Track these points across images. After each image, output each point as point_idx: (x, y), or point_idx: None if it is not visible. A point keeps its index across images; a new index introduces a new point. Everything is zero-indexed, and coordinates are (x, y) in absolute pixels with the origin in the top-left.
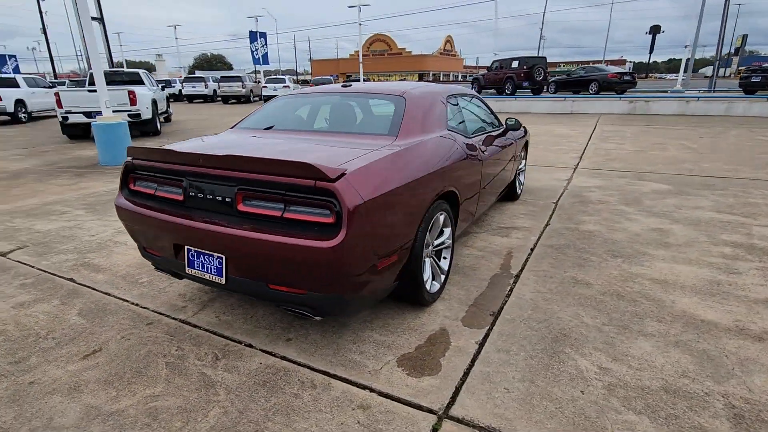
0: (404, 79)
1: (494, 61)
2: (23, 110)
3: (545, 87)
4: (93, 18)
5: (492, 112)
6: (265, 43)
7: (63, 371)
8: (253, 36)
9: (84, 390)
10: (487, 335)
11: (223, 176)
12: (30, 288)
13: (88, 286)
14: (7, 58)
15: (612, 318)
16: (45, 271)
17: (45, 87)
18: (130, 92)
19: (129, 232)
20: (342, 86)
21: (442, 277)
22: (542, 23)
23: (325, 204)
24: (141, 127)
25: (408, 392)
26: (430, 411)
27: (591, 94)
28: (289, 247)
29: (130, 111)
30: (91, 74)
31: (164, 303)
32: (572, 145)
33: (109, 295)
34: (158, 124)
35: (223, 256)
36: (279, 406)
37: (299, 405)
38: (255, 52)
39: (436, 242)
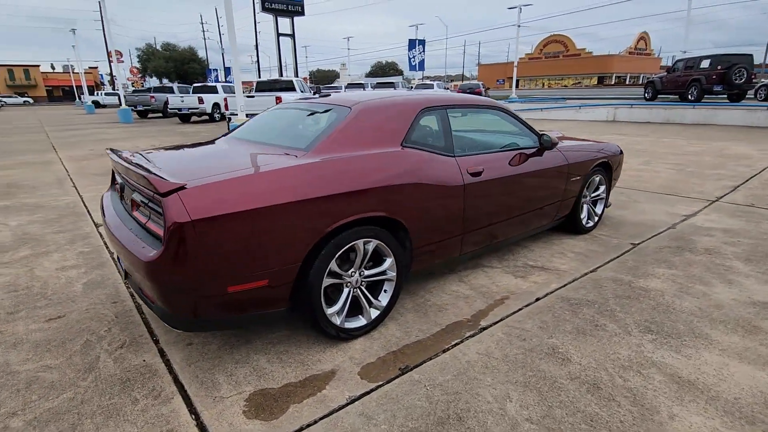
0: (578, 83)
1: (677, 60)
2: (218, 111)
3: (755, 93)
4: (284, 34)
5: (527, 128)
6: (423, 51)
7: (24, 328)
8: (411, 44)
9: (17, 347)
10: (369, 392)
11: (128, 184)
12: None
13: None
14: (211, 71)
15: (550, 415)
16: None
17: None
18: (277, 98)
19: None
20: (319, 95)
21: (374, 312)
22: None
23: (160, 217)
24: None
25: (221, 431)
26: None
27: None
28: (130, 253)
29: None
30: (257, 83)
31: None
32: (739, 169)
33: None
34: None
35: (120, 256)
36: (113, 407)
37: (127, 411)
38: (412, 59)
39: (368, 273)
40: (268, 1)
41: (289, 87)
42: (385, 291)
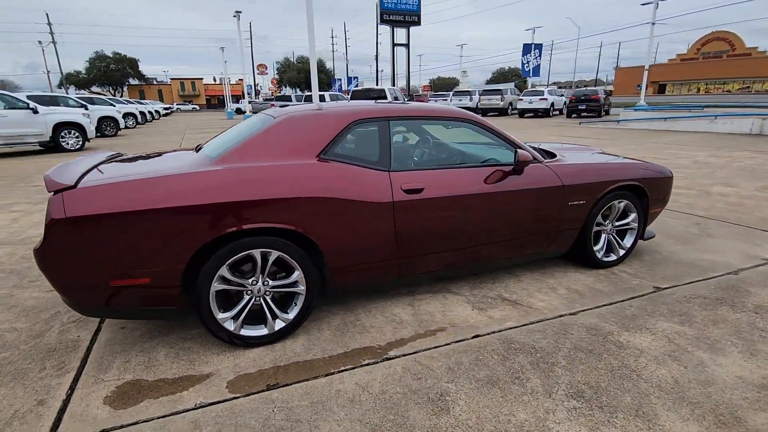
0: (746, 88)
1: None
2: None
3: None
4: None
5: (505, 142)
6: (539, 55)
7: (29, 295)
8: (526, 48)
9: (12, 309)
10: (217, 402)
11: None
12: None
13: None
14: (335, 80)
15: None
16: None
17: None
18: None
19: None
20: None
21: (279, 323)
22: None
23: None
24: None
25: (76, 411)
26: None
27: None
28: None
29: None
30: (352, 92)
31: None
32: None
33: None
34: None
35: None
36: (24, 371)
37: (31, 377)
38: (525, 65)
39: (274, 284)
40: (387, 14)
41: (381, 96)
42: (295, 304)
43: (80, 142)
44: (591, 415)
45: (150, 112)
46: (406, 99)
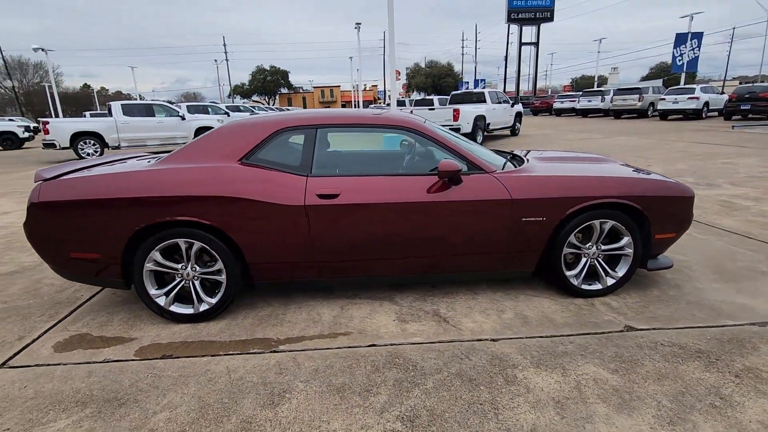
0: None
1: None
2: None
3: None
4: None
5: (449, 151)
6: (697, 46)
7: None
8: (680, 39)
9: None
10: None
11: None
12: None
13: None
14: (463, 83)
15: None
16: None
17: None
18: (455, 110)
19: None
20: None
21: (203, 306)
22: None
23: None
24: None
25: (30, 350)
26: None
27: None
28: None
29: (451, 125)
30: (452, 95)
31: None
32: None
33: None
34: (479, 137)
35: None
36: (21, 313)
37: (33, 319)
38: (678, 58)
39: (202, 270)
40: (515, 12)
41: (480, 99)
42: (218, 291)
43: None
44: None
45: None
46: (509, 101)
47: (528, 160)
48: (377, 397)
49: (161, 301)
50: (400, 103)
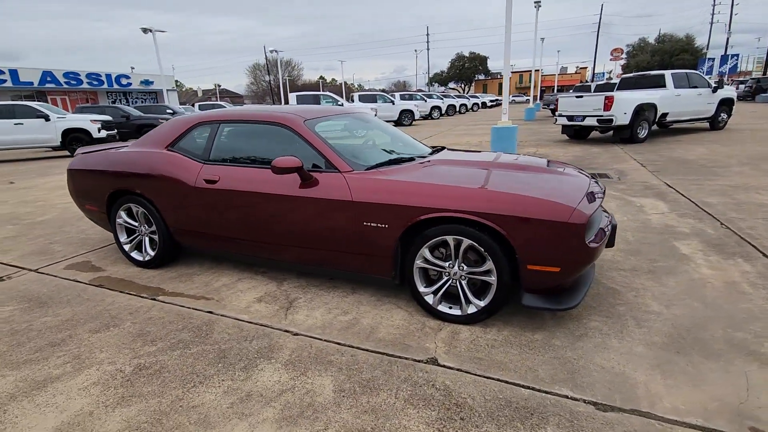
0: None
1: None
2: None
3: None
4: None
5: (314, 150)
6: None
7: None
8: None
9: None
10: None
11: None
12: None
13: None
14: (705, 60)
15: None
16: None
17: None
18: (607, 98)
19: None
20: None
21: (146, 256)
22: None
23: None
24: (618, 134)
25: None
26: None
27: None
28: None
29: (600, 116)
30: (621, 79)
31: None
32: None
33: None
34: (642, 132)
35: None
36: (45, 251)
37: (54, 254)
38: None
39: (147, 229)
40: None
41: (658, 83)
42: (156, 247)
43: None
44: None
45: (464, 105)
46: (710, 85)
47: (430, 161)
48: (155, 343)
49: (127, 247)
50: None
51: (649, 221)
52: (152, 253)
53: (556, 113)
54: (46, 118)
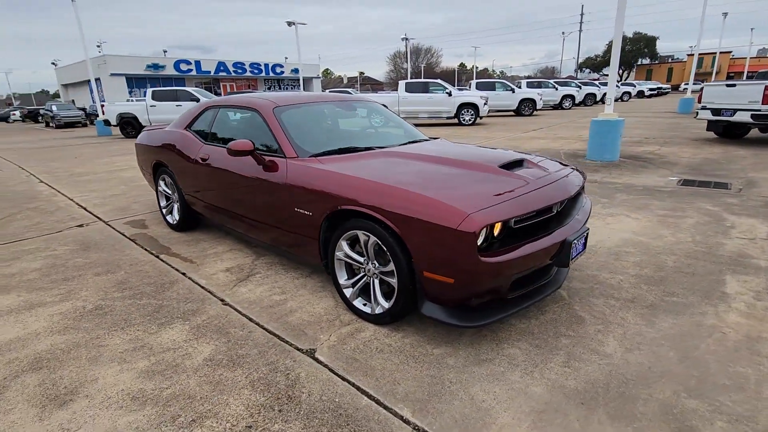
0: None
1: None
2: None
3: None
4: None
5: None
6: None
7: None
8: None
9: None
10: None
11: None
12: None
13: None
14: None
15: None
16: None
17: None
18: (767, 88)
19: None
20: None
21: (170, 218)
22: None
23: None
24: None
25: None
26: None
27: None
28: None
29: (757, 111)
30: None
31: None
32: None
33: None
34: None
35: None
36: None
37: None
38: None
39: (174, 196)
40: None
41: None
42: (175, 210)
43: (473, 119)
44: None
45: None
46: None
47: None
48: (124, 291)
49: (164, 211)
50: None
51: (722, 247)
52: (177, 218)
53: (698, 105)
54: (197, 99)
